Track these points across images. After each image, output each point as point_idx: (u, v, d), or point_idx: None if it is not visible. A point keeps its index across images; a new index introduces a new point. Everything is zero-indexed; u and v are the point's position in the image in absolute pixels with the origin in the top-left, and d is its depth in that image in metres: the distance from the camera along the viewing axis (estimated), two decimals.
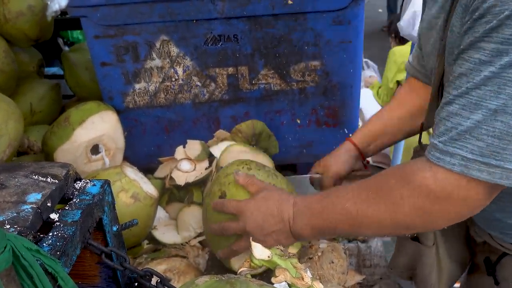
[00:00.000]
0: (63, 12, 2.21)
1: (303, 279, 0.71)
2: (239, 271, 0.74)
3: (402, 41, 3.97)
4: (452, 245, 1.18)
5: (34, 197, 0.73)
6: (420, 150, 1.17)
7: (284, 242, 0.97)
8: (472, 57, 0.70)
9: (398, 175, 0.81)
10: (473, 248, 1.18)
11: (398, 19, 2.37)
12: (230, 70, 1.51)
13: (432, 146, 0.75)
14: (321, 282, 1.23)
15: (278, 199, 0.97)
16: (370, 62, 4.71)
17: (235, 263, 1.14)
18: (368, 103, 3.90)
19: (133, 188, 1.21)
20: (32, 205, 0.71)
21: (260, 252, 0.73)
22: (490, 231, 1.02)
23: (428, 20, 0.99)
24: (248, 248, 1.01)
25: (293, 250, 1.16)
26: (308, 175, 1.38)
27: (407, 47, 3.68)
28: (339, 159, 1.28)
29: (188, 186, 1.48)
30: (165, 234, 1.38)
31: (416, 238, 1.20)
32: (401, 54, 3.85)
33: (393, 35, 4.23)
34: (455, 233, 1.18)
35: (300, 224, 0.93)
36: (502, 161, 0.68)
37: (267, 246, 0.96)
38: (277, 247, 0.77)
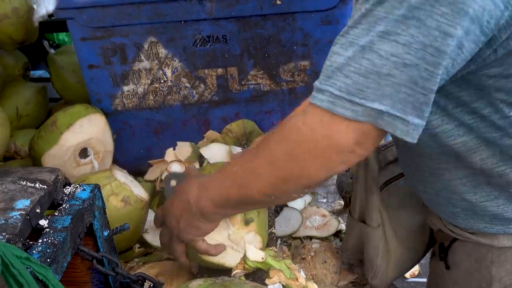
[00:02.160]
0: (49, 14, 2.17)
1: (297, 279, 0.71)
2: (233, 273, 0.73)
3: None
4: (402, 229, 1.19)
5: (23, 203, 0.71)
6: None
7: (198, 224, 0.93)
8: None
9: (277, 126, 0.80)
10: (433, 238, 1.20)
11: None
12: (220, 71, 1.51)
13: (313, 87, 0.74)
14: (314, 282, 1.23)
15: (186, 186, 0.96)
16: None
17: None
18: None
19: (123, 191, 1.19)
20: (20, 212, 0.69)
21: (253, 253, 0.73)
22: (440, 215, 1.03)
23: None
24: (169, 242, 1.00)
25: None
26: None
27: None
28: None
29: None
30: (157, 238, 1.36)
31: (362, 220, 1.21)
32: None
33: None
34: (407, 220, 1.19)
35: (204, 201, 0.90)
36: (364, 99, 0.68)
37: (185, 233, 0.94)
38: (270, 248, 0.77)
